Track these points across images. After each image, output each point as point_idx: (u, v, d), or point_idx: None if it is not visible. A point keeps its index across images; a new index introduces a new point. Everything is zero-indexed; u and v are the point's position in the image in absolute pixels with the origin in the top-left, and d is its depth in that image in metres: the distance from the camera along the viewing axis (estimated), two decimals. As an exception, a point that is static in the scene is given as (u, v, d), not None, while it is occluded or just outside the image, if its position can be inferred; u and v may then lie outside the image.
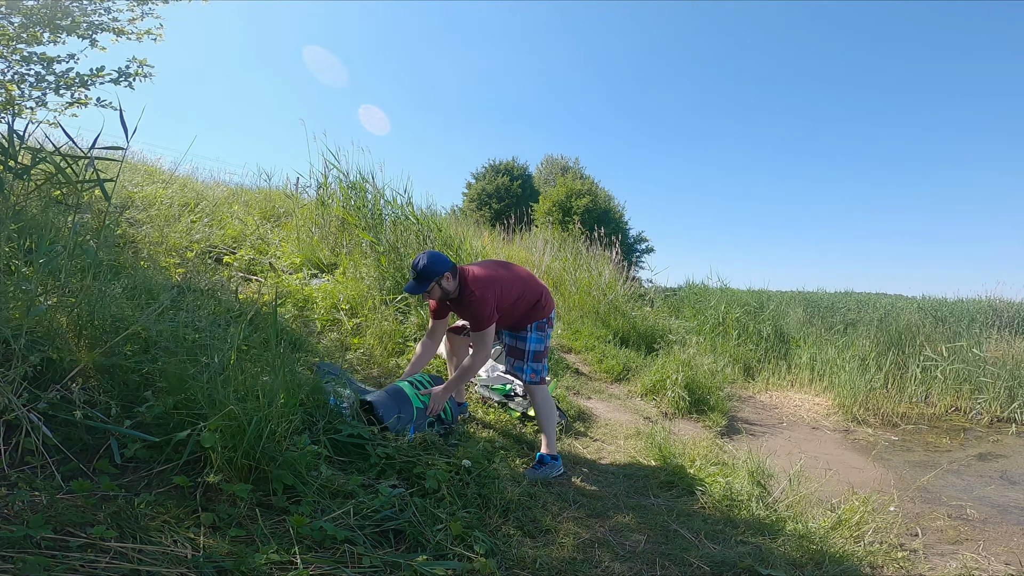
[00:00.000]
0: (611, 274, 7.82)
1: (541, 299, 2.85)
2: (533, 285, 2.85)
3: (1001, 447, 4.68)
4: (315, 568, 1.33)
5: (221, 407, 1.62)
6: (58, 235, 2.44)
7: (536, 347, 2.83)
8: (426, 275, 2.58)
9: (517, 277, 2.80)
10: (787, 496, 2.72)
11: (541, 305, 2.84)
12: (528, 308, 2.81)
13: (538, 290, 2.86)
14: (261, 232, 5.33)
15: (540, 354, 2.84)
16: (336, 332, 3.72)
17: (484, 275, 2.67)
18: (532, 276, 2.92)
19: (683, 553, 1.97)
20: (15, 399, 1.45)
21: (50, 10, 3.44)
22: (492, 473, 2.21)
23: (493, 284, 2.64)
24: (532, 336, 2.82)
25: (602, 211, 17.12)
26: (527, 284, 2.82)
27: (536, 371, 2.81)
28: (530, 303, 2.81)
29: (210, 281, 3.46)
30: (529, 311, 2.82)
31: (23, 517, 1.22)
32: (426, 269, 2.58)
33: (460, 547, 1.62)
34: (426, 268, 2.58)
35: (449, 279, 2.62)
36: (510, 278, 2.76)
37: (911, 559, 2.30)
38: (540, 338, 2.84)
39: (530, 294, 2.81)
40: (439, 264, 2.59)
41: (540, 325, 2.85)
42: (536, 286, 2.86)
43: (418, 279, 2.61)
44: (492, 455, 2.58)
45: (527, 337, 2.82)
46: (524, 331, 2.83)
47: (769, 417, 5.23)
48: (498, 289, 2.65)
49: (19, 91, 3.55)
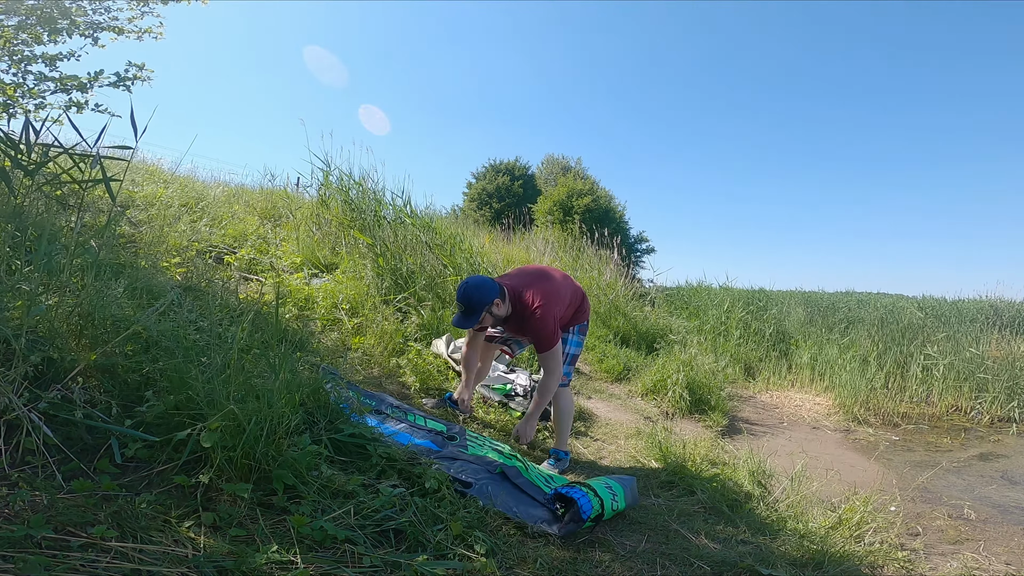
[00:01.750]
0: (612, 274, 7.82)
1: (583, 303, 2.82)
2: (575, 290, 2.80)
3: (1002, 447, 4.68)
4: (315, 568, 1.33)
5: (222, 407, 1.62)
6: (59, 234, 2.45)
7: (575, 351, 2.81)
8: (475, 307, 2.40)
9: (563, 285, 2.71)
10: (788, 496, 2.72)
11: (583, 309, 2.82)
12: (573, 313, 2.78)
13: (580, 294, 2.82)
14: (261, 232, 5.33)
15: (575, 358, 2.82)
16: (336, 332, 3.72)
17: (541, 293, 2.52)
18: (571, 280, 2.84)
19: (683, 553, 1.97)
20: (16, 399, 1.45)
21: (50, 10, 3.44)
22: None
23: (552, 302, 2.52)
24: (573, 339, 2.79)
25: (603, 211, 17.09)
26: (573, 291, 2.76)
27: (567, 374, 2.79)
28: (575, 308, 2.78)
29: (211, 281, 3.46)
30: (573, 316, 2.78)
31: (24, 517, 1.22)
32: (474, 301, 2.39)
33: (460, 547, 1.62)
34: (474, 300, 2.39)
35: (500, 305, 2.47)
36: (559, 289, 2.65)
37: (911, 559, 2.30)
38: (579, 342, 2.83)
39: (575, 299, 2.77)
40: (487, 293, 2.42)
41: (582, 328, 2.84)
42: (577, 290, 2.81)
43: (466, 312, 2.42)
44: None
45: (568, 340, 2.76)
46: (567, 333, 2.77)
47: (770, 417, 5.23)
48: (556, 306, 2.55)
49: (19, 92, 3.56)
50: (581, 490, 2.07)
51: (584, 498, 2.03)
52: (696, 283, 10.66)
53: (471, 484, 2.05)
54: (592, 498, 2.04)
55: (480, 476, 2.12)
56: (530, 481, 2.24)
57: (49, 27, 3.44)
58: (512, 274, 2.77)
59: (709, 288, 9.84)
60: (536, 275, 2.73)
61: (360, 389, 2.76)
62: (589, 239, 8.78)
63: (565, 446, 2.88)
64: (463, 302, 2.41)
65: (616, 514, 2.18)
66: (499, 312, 2.48)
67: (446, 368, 3.65)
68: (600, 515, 2.05)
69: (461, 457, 2.27)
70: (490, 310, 2.44)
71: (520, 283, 2.58)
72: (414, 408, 2.82)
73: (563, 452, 2.85)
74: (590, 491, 2.08)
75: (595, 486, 2.14)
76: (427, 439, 2.41)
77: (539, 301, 2.47)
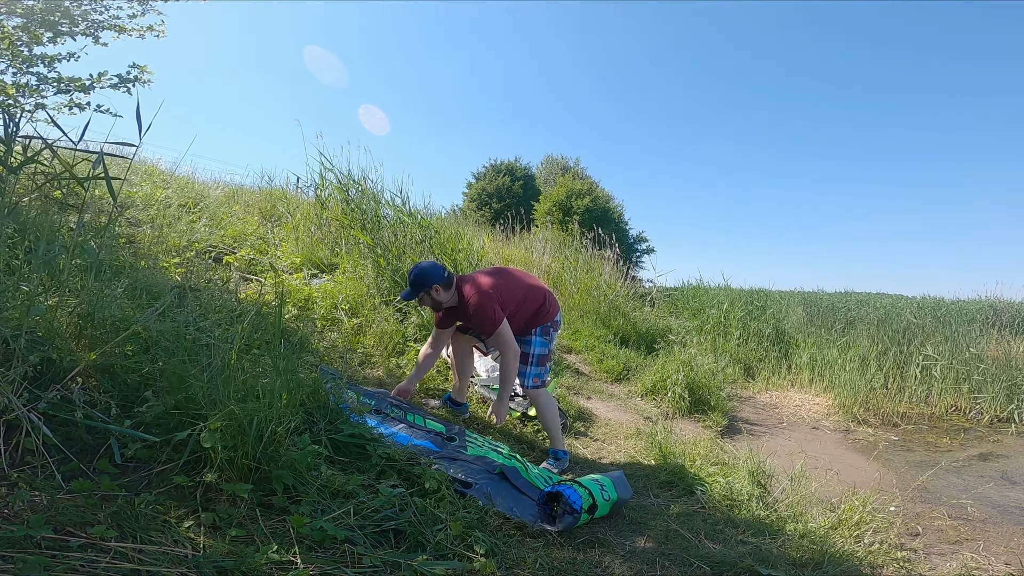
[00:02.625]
0: (611, 274, 7.82)
1: (545, 303, 2.86)
2: (535, 289, 2.86)
3: (1001, 447, 4.68)
4: (315, 568, 1.33)
5: (222, 407, 1.62)
6: (58, 235, 2.44)
7: (540, 351, 2.84)
8: (416, 285, 2.67)
9: (518, 282, 2.83)
10: (787, 496, 2.72)
11: (545, 309, 2.85)
12: (531, 313, 2.82)
13: (541, 294, 2.87)
14: (261, 232, 5.33)
15: (544, 358, 2.86)
16: (336, 332, 3.72)
17: (481, 284, 2.70)
18: (534, 280, 2.94)
19: (683, 553, 1.97)
20: (15, 399, 1.45)
21: (50, 10, 3.43)
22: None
23: (492, 290, 2.68)
24: (536, 340, 2.84)
25: (602, 211, 17.10)
26: (529, 289, 2.83)
27: (539, 375, 2.85)
28: (533, 308, 2.82)
29: (210, 281, 3.45)
30: (533, 316, 2.83)
31: (23, 517, 1.22)
32: (417, 279, 2.66)
33: (460, 547, 1.62)
34: (417, 278, 2.66)
35: (439, 291, 2.67)
36: (510, 284, 2.79)
37: (911, 559, 2.30)
38: (545, 342, 2.86)
39: (533, 299, 2.82)
40: (431, 276, 2.65)
41: (545, 330, 2.86)
42: (539, 290, 2.88)
43: (410, 286, 2.70)
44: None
45: (531, 340, 2.83)
46: (529, 335, 2.84)
47: (769, 417, 5.23)
48: (497, 295, 2.67)
49: (19, 92, 3.55)
50: (568, 485, 2.13)
51: (570, 489, 2.09)
52: (696, 283, 10.68)
53: (471, 484, 2.07)
54: (579, 489, 2.10)
55: (480, 477, 2.15)
56: (529, 482, 2.28)
57: (51, 29, 3.43)
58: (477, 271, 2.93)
59: (709, 288, 9.85)
60: (493, 272, 2.90)
61: (360, 388, 2.77)
62: (588, 239, 8.78)
63: (561, 445, 2.94)
64: (409, 279, 2.71)
65: (611, 505, 2.20)
66: (438, 297, 2.69)
67: (446, 368, 3.65)
68: (593, 505, 2.09)
69: (460, 458, 2.31)
70: (429, 293, 2.67)
71: (474, 276, 2.81)
72: (414, 407, 2.82)
73: (561, 451, 2.90)
74: (577, 485, 2.14)
75: (582, 481, 2.21)
76: (426, 439, 2.44)
77: (478, 292, 2.65)
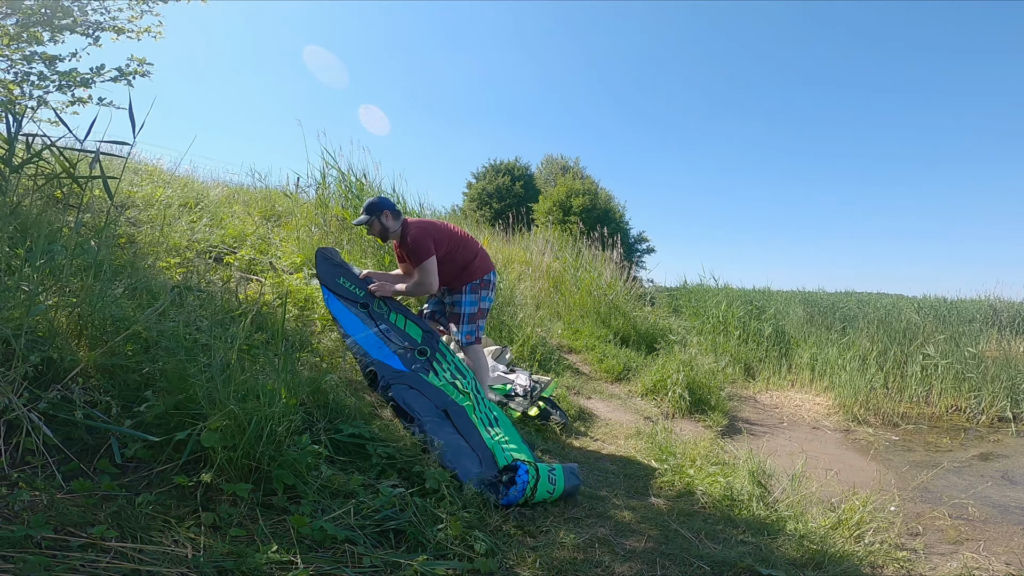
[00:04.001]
0: (611, 274, 7.82)
1: (476, 259, 3.11)
2: (468, 244, 3.13)
3: (1001, 447, 4.68)
4: (315, 568, 1.33)
5: (222, 407, 1.62)
6: (58, 234, 2.44)
7: (470, 310, 3.10)
8: (370, 209, 2.99)
9: (452, 232, 3.10)
10: (787, 496, 2.72)
11: (476, 265, 3.10)
12: (461, 267, 3.07)
13: (473, 250, 3.13)
14: (261, 232, 5.33)
15: (474, 316, 3.10)
16: (336, 331, 3.71)
17: (421, 221, 3.06)
18: (470, 237, 3.21)
19: (683, 553, 1.97)
20: (15, 399, 1.45)
21: (50, 10, 3.44)
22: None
23: (428, 227, 3.01)
24: (466, 299, 3.09)
25: (602, 211, 17.11)
26: (462, 242, 3.10)
27: (470, 332, 3.11)
28: (464, 261, 3.07)
29: (210, 281, 3.45)
30: (462, 271, 3.08)
31: (24, 517, 1.22)
32: (371, 205, 3.00)
33: (460, 547, 1.62)
34: (371, 204, 3.00)
35: (389, 217, 2.99)
36: (445, 231, 3.07)
37: (911, 559, 2.30)
38: (474, 300, 3.10)
39: (464, 252, 3.08)
40: (384, 202, 3.01)
41: (474, 287, 3.10)
42: (471, 246, 3.14)
43: (365, 211, 3.01)
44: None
45: (462, 301, 3.09)
46: (459, 294, 3.10)
47: (770, 417, 5.23)
48: (433, 232, 2.99)
49: (20, 90, 3.55)
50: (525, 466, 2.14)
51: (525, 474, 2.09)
52: (697, 283, 10.67)
53: (413, 419, 2.27)
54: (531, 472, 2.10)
55: (427, 414, 2.31)
56: (473, 425, 2.38)
57: (51, 28, 3.44)
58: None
59: (709, 288, 9.85)
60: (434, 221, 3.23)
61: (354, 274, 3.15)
62: (589, 239, 8.77)
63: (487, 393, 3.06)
64: (364, 207, 3.03)
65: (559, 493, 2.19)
66: (387, 223, 3.00)
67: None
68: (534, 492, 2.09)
69: (417, 386, 2.49)
70: (379, 218, 2.99)
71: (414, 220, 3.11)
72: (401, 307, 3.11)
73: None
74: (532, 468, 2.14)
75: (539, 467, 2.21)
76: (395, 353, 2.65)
77: (417, 226, 3.00)
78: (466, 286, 3.09)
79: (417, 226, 3.00)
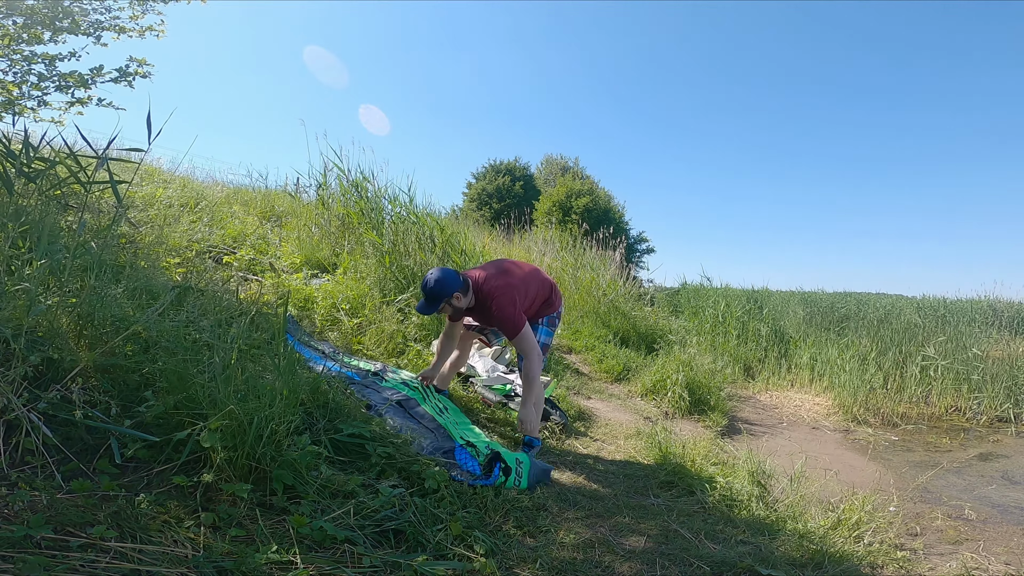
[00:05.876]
0: (611, 274, 7.82)
1: (551, 295, 2.95)
2: (544, 283, 2.94)
3: (1001, 447, 4.68)
4: (315, 568, 1.33)
5: (221, 407, 1.62)
6: (59, 235, 2.44)
7: (545, 340, 2.93)
8: (436, 296, 2.59)
9: (528, 276, 2.85)
10: (787, 496, 2.72)
11: (551, 301, 2.94)
12: (540, 305, 2.91)
13: (547, 286, 2.95)
14: (261, 232, 5.33)
15: (546, 347, 2.94)
16: (336, 332, 3.72)
17: (500, 283, 2.67)
18: (542, 274, 3.00)
19: (683, 553, 1.97)
20: (15, 399, 1.45)
21: (51, 10, 3.44)
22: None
23: (510, 290, 2.66)
24: (542, 329, 2.92)
25: (602, 211, 17.12)
26: (540, 283, 2.90)
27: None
28: (542, 300, 2.91)
29: (210, 281, 3.45)
30: (540, 308, 2.92)
31: (23, 517, 1.22)
32: (436, 290, 2.58)
33: (460, 547, 1.62)
34: (435, 290, 2.58)
35: (459, 298, 2.63)
36: (523, 278, 2.79)
37: (911, 559, 2.30)
38: (549, 332, 2.96)
39: (542, 293, 2.90)
40: (449, 285, 2.59)
41: (551, 320, 2.96)
42: (545, 283, 2.95)
43: (428, 300, 2.61)
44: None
45: (537, 329, 2.90)
46: (536, 324, 2.92)
47: (769, 417, 5.23)
48: (515, 294, 2.66)
49: (20, 91, 3.55)
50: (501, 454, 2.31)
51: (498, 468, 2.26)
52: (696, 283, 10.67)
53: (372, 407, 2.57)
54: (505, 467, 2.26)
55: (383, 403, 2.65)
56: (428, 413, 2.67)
57: (50, 27, 3.44)
58: (482, 266, 2.90)
59: (708, 288, 9.85)
60: (500, 269, 2.85)
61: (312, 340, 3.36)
62: (589, 239, 8.78)
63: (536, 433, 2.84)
64: (425, 292, 2.61)
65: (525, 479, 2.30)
66: (459, 304, 2.65)
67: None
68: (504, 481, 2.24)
69: (373, 387, 2.87)
70: (450, 302, 2.62)
71: (484, 273, 2.75)
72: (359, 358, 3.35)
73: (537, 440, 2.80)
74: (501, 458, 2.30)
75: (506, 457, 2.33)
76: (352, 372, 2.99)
77: (499, 292, 2.63)
78: (544, 319, 2.90)
79: (499, 293, 2.61)
